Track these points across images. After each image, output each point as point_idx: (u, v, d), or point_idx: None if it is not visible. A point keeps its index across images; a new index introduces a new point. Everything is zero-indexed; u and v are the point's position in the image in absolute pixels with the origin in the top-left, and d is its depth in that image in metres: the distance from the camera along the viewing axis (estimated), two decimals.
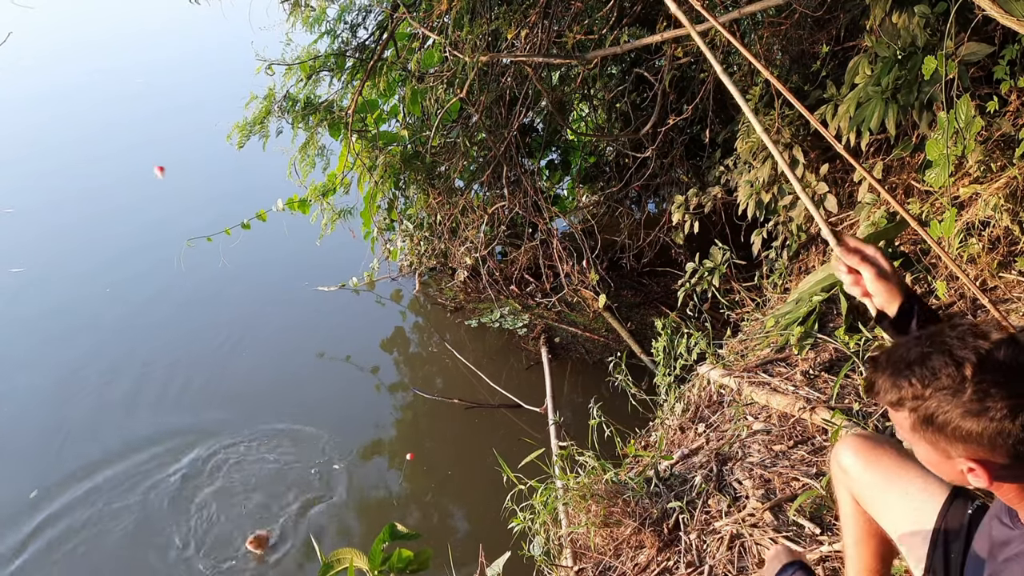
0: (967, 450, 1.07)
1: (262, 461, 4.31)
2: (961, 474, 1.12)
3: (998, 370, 1.03)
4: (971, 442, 1.05)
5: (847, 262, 1.47)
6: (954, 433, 1.06)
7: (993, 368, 1.03)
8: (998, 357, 1.03)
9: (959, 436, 1.06)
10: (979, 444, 1.05)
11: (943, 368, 1.05)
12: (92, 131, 9.40)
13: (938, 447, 1.10)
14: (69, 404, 4.78)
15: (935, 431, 1.08)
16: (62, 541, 3.81)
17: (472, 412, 4.66)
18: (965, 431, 1.05)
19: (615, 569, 2.66)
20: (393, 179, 5.42)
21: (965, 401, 1.04)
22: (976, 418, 1.03)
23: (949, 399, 1.05)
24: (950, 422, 1.05)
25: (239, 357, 5.26)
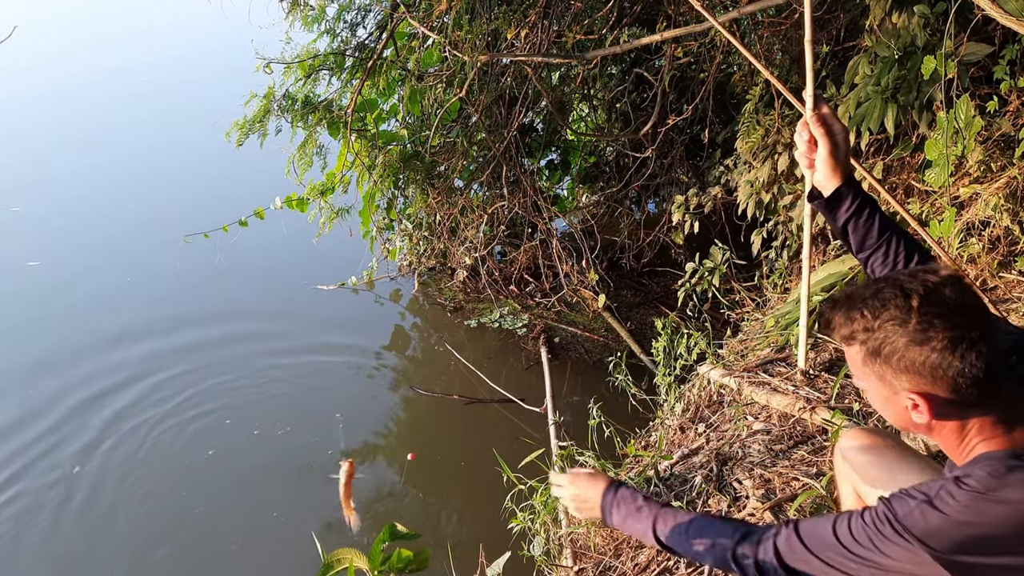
0: (911, 381, 1.12)
1: (262, 460, 4.30)
2: (907, 413, 1.16)
3: (943, 304, 1.08)
4: (914, 373, 1.11)
5: (813, 131, 1.51)
6: (899, 363, 1.11)
7: (938, 302, 1.08)
8: (944, 293, 1.09)
9: (904, 366, 1.11)
10: (921, 375, 1.10)
11: (892, 299, 1.11)
12: (94, 131, 9.40)
13: (885, 380, 1.15)
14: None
15: (883, 362, 1.13)
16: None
17: (472, 412, 4.65)
18: (909, 360, 1.10)
19: (615, 569, 2.66)
20: (392, 178, 5.42)
21: (910, 330, 1.09)
22: (919, 347, 1.08)
23: (896, 329, 1.10)
24: (896, 351, 1.11)
25: (238, 356, 5.25)
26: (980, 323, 1.09)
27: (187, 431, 4.55)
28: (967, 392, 1.10)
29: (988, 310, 1.13)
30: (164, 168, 8.19)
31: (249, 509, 4.00)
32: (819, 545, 1.18)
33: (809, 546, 1.18)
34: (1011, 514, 1.05)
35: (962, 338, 1.07)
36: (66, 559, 3.75)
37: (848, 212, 1.52)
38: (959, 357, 1.07)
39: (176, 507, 4.02)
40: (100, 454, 4.38)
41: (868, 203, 1.51)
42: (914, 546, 1.08)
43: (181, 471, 4.26)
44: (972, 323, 1.09)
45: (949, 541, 1.06)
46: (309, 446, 4.39)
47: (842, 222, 1.54)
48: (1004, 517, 1.05)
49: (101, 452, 4.40)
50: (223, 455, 4.37)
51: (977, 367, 1.08)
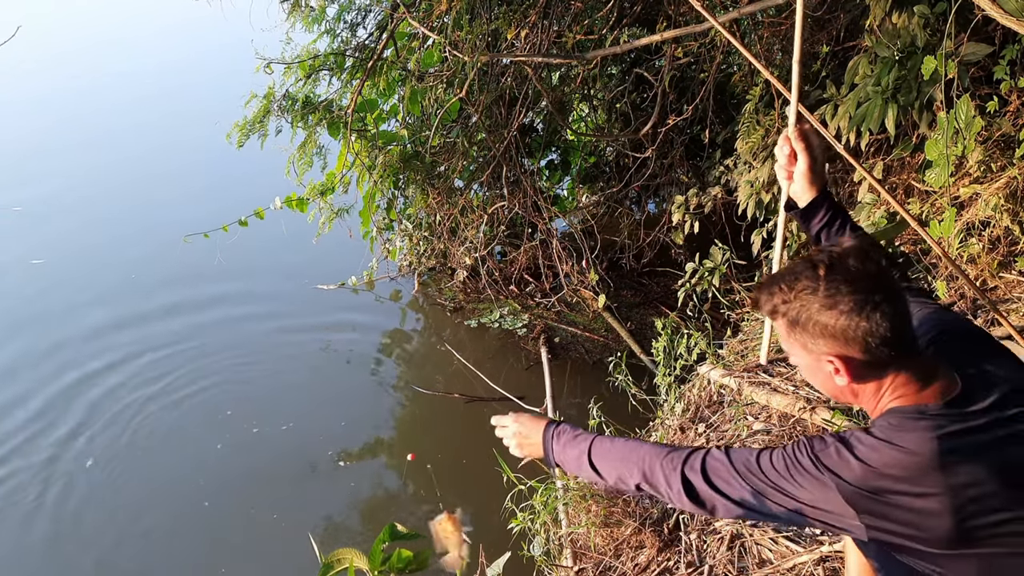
0: (827, 345, 1.22)
1: (262, 459, 4.30)
2: (831, 379, 1.26)
3: (846, 271, 1.19)
4: (829, 336, 1.21)
5: (795, 145, 1.60)
6: (815, 328, 1.21)
7: (842, 270, 1.19)
8: (848, 262, 1.20)
9: (818, 331, 1.21)
10: (835, 338, 1.20)
11: (803, 272, 1.23)
12: (95, 133, 9.41)
13: (807, 348, 1.25)
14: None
15: (801, 330, 1.24)
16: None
17: (472, 412, 4.65)
18: (823, 325, 1.20)
19: (615, 569, 2.66)
20: (392, 179, 5.42)
21: (820, 297, 1.20)
22: (829, 311, 1.19)
23: (809, 297, 1.21)
24: (811, 318, 1.21)
25: (237, 356, 5.25)
26: (882, 287, 1.19)
27: (186, 430, 4.56)
28: (878, 351, 1.19)
29: (891, 277, 1.22)
30: (165, 169, 8.20)
31: (249, 508, 4.00)
32: (743, 468, 1.26)
33: (735, 466, 1.27)
34: (903, 458, 1.15)
35: (866, 301, 1.17)
36: (67, 557, 3.75)
37: (821, 222, 1.63)
38: (865, 318, 1.17)
39: (175, 505, 4.02)
40: (102, 448, 4.39)
41: (840, 214, 1.61)
42: (824, 476, 1.19)
43: (180, 471, 4.26)
44: (875, 287, 1.18)
45: (852, 476, 1.17)
46: (309, 446, 4.40)
47: (815, 231, 1.64)
48: (897, 460, 1.16)
49: (103, 447, 4.42)
50: (222, 454, 4.37)
51: (883, 326, 1.17)
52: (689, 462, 1.32)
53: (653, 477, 1.35)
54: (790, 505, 1.22)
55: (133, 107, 10.14)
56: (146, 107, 10.07)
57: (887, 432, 1.19)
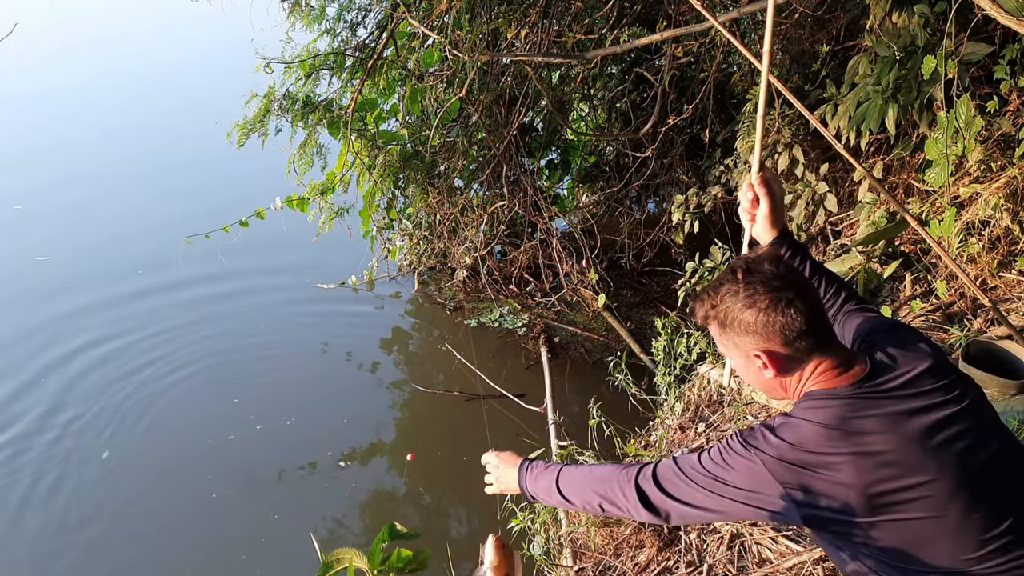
0: (753, 342, 1.35)
1: (263, 458, 4.30)
2: (761, 374, 1.38)
3: (761, 274, 1.34)
4: (752, 333, 1.34)
5: (757, 191, 1.73)
6: (740, 327, 1.35)
7: (758, 272, 1.34)
8: (762, 266, 1.34)
9: (743, 328, 1.35)
10: (757, 333, 1.34)
11: (725, 278, 1.38)
12: (95, 132, 9.39)
13: (738, 348, 1.38)
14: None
15: (729, 330, 1.37)
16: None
17: (472, 412, 4.65)
18: (746, 323, 1.34)
19: (615, 569, 2.66)
20: (392, 178, 5.41)
21: (740, 298, 1.34)
22: (749, 309, 1.33)
23: (731, 299, 1.35)
24: (735, 317, 1.35)
25: (238, 355, 5.25)
26: (793, 287, 1.32)
27: (185, 429, 4.56)
28: (796, 343, 1.33)
29: (801, 277, 1.37)
30: (165, 169, 8.20)
31: (249, 508, 4.01)
32: (687, 467, 1.38)
33: (681, 468, 1.39)
34: (816, 431, 1.28)
35: (780, 298, 1.31)
36: (66, 558, 3.75)
37: (789, 253, 1.74)
38: (780, 312, 1.31)
39: (175, 502, 4.03)
40: (104, 442, 4.40)
41: (800, 251, 1.73)
42: (750, 454, 1.31)
43: (178, 469, 4.27)
44: (787, 286, 1.32)
45: (775, 451, 1.29)
46: (309, 445, 4.39)
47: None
48: (811, 433, 1.28)
49: (117, 439, 4.44)
50: (223, 452, 4.37)
51: (798, 320, 1.31)
52: (642, 472, 1.43)
53: (611, 493, 1.46)
54: (727, 493, 1.32)
55: (132, 107, 10.14)
56: (146, 107, 10.08)
57: (802, 411, 1.32)
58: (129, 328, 5.54)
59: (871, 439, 1.26)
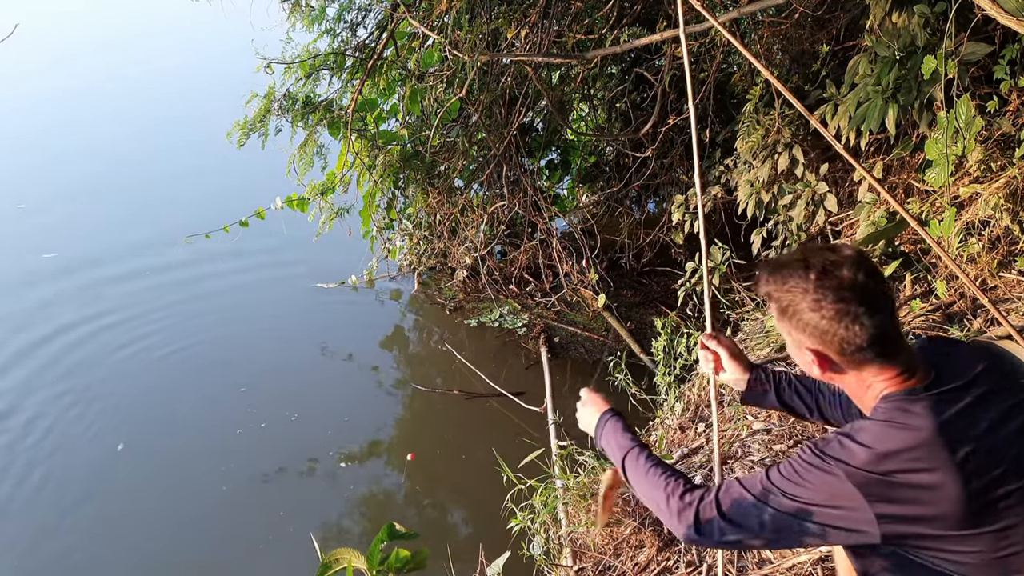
0: (809, 339, 1.31)
1: (262, 457, 4.30)
2: (811, 367, 1.34)
3: (837, 280, 1.26)
4: (809, 332, 1.29)
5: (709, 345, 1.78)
6: (799, 323, 1.30)
7: (833, 278, 1.27)
8: (840, 272, 1.27)
9: (802, 325, 1.30)
10: (814, 336, 1.29)
11: (797, 272, 1.30)
12: (95, 133, 9.42)
13: (792, 335, 1.35)
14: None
15: (789, 319, 1.32)
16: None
17: (472, 412, 4.65)
18: (805, 322, 1.29)
19: (615, 568, 2.66)
20: (392, 178, 5.41)
21: (808, 299, 1.28)
22: (813, 313, 1.27)
23: (798, 295, 1.29)
24: (797, 313, 1.30)
25: (239, 355, 5.26)
26: (867, 300, 1.25)
27: (184, 430, 4.56)
28: (852, 355, 1.28)
29: (880, 289, 1.28)
30: (166, 168, 8.21)
31: (249, 507, 4.01)
32: (754, 488, 1.30)
33: (747, 490, 1.30)
34: (907, 436, 1.20)
35: (847, 311, 1.25)
36: (66, 556, 3.76)
37: (774, 388, 1.75)
38: (844, 327, 1.25)
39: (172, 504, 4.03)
40: (130, 432, 4.41)
41: (781, 375, 1.74)
42: (831, 466, 1.22)
43: (179, 468, 4.27)
44: (860, 300, 1.25)
45: (859, 461, 1.20)
46: (310, 445, 4.39)
47: (778, 400, 1.74)
48: (902, 439, 1.20)
49: (133, 432, 4.43)
50: (222, 451, 4.37)
51: (860, 337, 1.25)
52: (704, 500, 1.35)
53: (664, 508, 1.40)
54: (802, 515, 1.23)
55: (132, 107, 10.16)
56: (146, 108, 10.08)
57: (886, 414, 1.24)
58: (128, 328, 5.55)
59: (966, 442, 1.18)
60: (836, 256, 1.29)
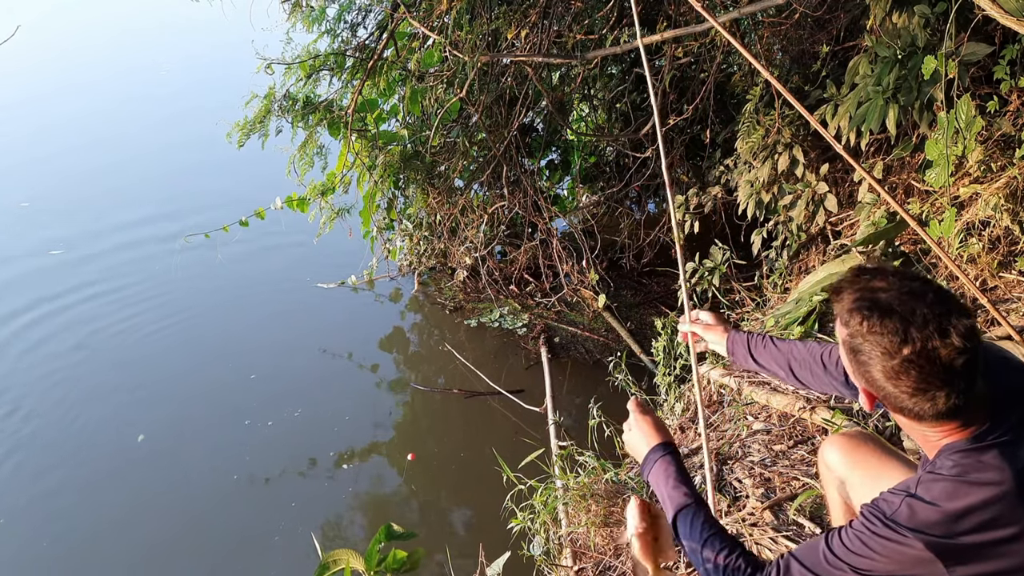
0: (867, 385, 1.20)
1: (261, 457, 4.30)
2: (861, 397, 1.24)
3: (930, 363, 1.10)
4: (872, 385, 1.18)
5: (681, 328, 1.91)
6: (865, 373, 1.18)
7: (927, 360, 1.10)
8: (938, 355, 1.10)
9: (866, 377, 1.18)
10: (876, 389, 1.18)
11: (893, 332, 1.13)
12: (95, 132, 9.42)
13: (851, 366, 1.23)
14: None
15: (853, 359, 1.20)
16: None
17: (472, 412, 4.65)
18: (873, 378, 1.17)
19: (615, 569, 2.66)
20: (393, 178, 5.41)
21: (889, 364, 1.13)
22: (887, 379, 1.14)
23: (878, 353, 1.14)
24: (867, 364, 1.17)
25: (239, 354, 5.26)
26: (953, 382, 1.11)
27: (186, 429, 4.56)
28: (909, 416, 1.17)
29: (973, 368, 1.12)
30: (166, 168, 8.21)
31: (248, 506, 4.01)
32: (815, 562, 1.20)
33: (806, 564, 1.21)
34: (985, 492, 1.10)
35: (925, 392, 1.12)
36: (67, 557, 3.76)
37: (748, 352, 1.77)
38: (915, 403, 1.14)
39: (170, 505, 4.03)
40: (113, 436, 4.41)
41: (751, 337, 1.77)
42: (907, 537, 1.11)
43: (179, 467, 4.27)
44: (944, 382, 1.11)
45: (936, 526, 1.10)
46: (309, 445, 4.39)
47: (755, 363, 1.76)
48: (980, 496, 1.10)
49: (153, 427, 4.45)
50: (222, 451, 4.37)
51: (927, 411, 1.13)
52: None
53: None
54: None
55: (132, 107, 10.15)
56: (146, 107, 10.08)
57: (957, 469, 1.13)
58: (130, 325, 5.56)
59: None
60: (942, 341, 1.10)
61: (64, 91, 11.05)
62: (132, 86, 11.03)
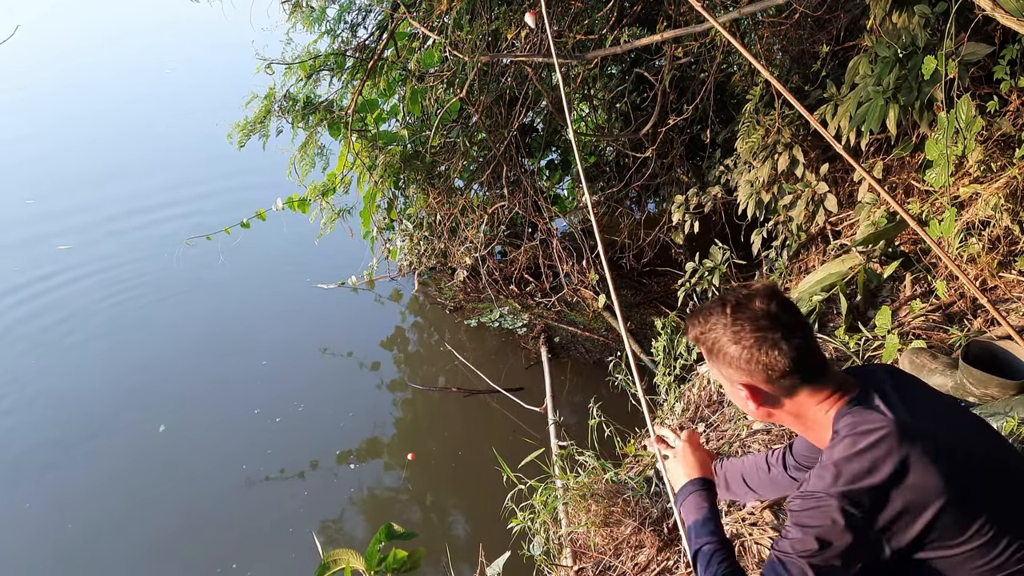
0: (737, 374, 1.36)
1: (263, 457, 4.30)
2: (744, 402, 1.39)
3: (751, 311, 1.33)
4: (736, 367, 1.35)
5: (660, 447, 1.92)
6: (725, 359, 1.36)
7: (747, 310, 1.34)
8: (753, 303, 1.34)
9: (728, 361, 1.36)
10: (740, 368, 1.34)
11: (715, 309, 1.38)
12: (95, 132, 9.43)
13: (723, 373, 1.40)
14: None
15: (715, 357, 1.38)
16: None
17: (472, 412, 4.66)
18: (730, 357, 1.35)
19: (615, 569, 2.66)
20: (393, 179, 5.41)
21: (728, 332, 1.34)
22: (735, 344, 1.34)
23: (720, 331, 1.36)
24: (721, 348, 1.36)
25: (239, 355, 5.26)
26: (780, 326, 1.31)
27: (186, 429, 4.56)
28: (779, 381, 1.33)
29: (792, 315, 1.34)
30: (166, 169, 8.22)
31: (248, 506, 4.01)
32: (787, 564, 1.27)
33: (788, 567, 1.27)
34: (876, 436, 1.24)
35: (765, 339, 1.31)
36: (69, 558, 3.76)
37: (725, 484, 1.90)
38: (764, 353, 1.31)
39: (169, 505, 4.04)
40: (112, 433, 4.41)
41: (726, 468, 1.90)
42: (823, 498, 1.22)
43: (180, 466, 4.27)
44: (774, 327, 1.31)
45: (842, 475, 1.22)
46: (310, 445, 4.40)
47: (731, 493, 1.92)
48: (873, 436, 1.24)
49: (112, 431, 4.43)
50: (221, 452, 4.37)
51: (781, 362, 1.30)
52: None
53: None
54: (823, 557, 1.22)
55: (132, 108, 10.16)
56: (146, 108, 10.09)
57: (849, 428, 1.28)
58: (128, 326, 5.56)
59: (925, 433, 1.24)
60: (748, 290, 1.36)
61: (64, 91, 11.08)
62: (135, 86, 11.05)
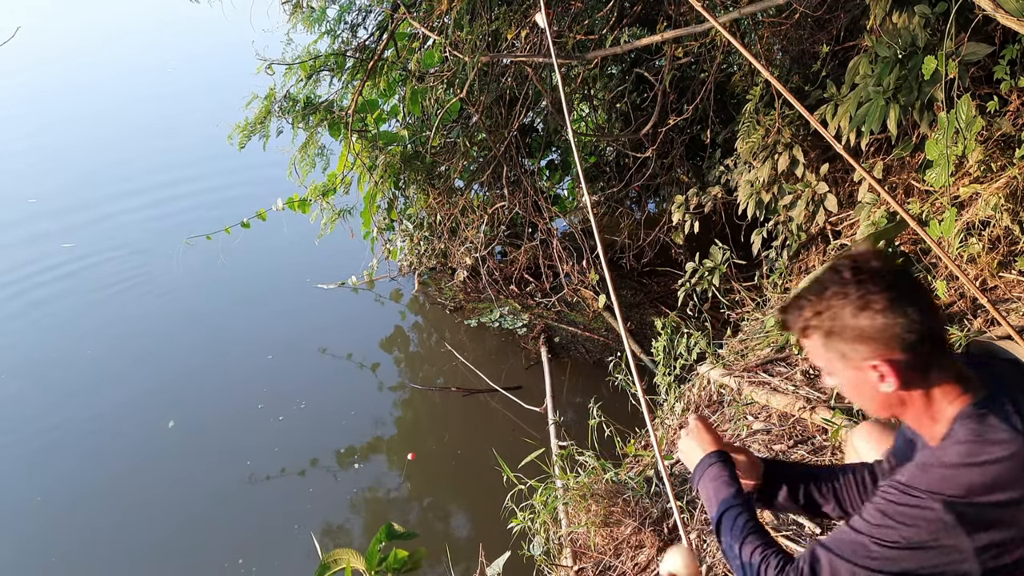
0: (868, 350, 1.16)
1: (263, 457, 4.30)
2: (876, 389, 1.19)
3: (873, 271, 1.16)
4: (868, 340, 1.16)
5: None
6: (852, 334, 1.16)
7: (868, 270, 1.16)
8: (871, 264, 1.17)
9: (856, 335, 1.16)
10: (875, 340, 1.15)
11: (829, 280, 1.19)
12: (94, 132, 9.43)
13: (847, 358, 1.19)
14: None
15: (837, 339, 1.18)
16: None
17: (472, 412, 4.65)
18: (859, 328, 1.15)
19: (615, 569, 2.66)
20: (393, 179, 5.42)
21: (852, 300, 1.15)
22: (864, 312, 1.15)
23: (840, 302, 1.16)
24: (846, 324, 1.16)
25: (239, 355, 5.26)
26: (908, 283, 1.17)
27: (186, 430, 4.56)
28: (919, 348, 1.15)
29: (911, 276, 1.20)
30: (166, 169, 8.23)
31: (249, 506, 4.01)
32: (840, 545, 1.19)
33: (832, 548, 1.20)
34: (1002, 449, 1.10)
35: (899, 296, 1.14)
36: (69, 559, 3.76)
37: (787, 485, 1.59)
38: (901, 314, 1.14)
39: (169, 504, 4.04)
40: (114, 435, 4.41)
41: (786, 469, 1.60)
42: (924, 499, 1.11)
43: (180, 465, 4.27)
44: (902, 283, 1.16)
45: (953, 484, 1.10)
46: (310, 445, 4.40)
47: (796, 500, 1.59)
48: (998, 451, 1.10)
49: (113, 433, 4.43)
50: (220, 452, 4.37)
51: (918, 320, 1.14)
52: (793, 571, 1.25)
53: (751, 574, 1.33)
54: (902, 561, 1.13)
55: (133, 108, 10.16)
56: (146, 108, 10.09)
57: (973, 434, 1.13)
58: (129, 325, 5.56)
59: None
60: (858, 252, 1.20)
61: (65, 90, 11.08)
62: (135, 86, 11.05)
